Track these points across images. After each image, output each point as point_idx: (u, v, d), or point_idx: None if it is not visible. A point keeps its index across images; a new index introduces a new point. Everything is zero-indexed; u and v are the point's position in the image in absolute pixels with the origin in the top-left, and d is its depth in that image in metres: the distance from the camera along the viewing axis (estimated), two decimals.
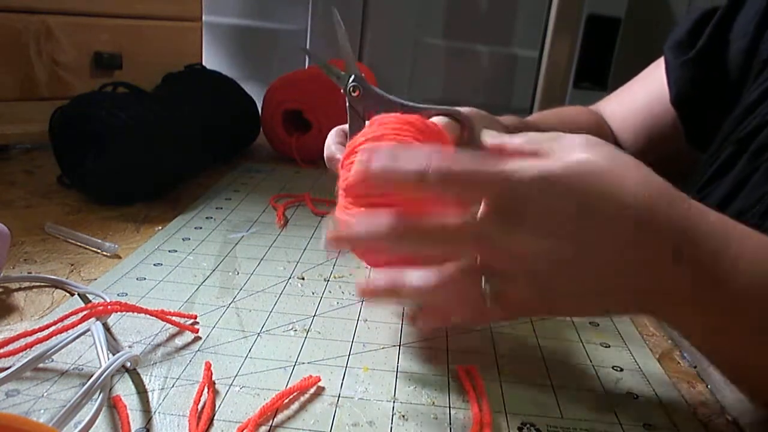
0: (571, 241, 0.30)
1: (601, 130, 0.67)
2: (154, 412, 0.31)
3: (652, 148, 0.64)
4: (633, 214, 0.29)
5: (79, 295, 0.42)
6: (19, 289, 0.43)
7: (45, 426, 0.21)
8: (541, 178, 0.29)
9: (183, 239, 0.52)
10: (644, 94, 0.66)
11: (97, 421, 0.29)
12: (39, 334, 0.35)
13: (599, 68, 1.59)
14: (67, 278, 0.44)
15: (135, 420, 0.30)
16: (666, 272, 0.29)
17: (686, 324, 0.32)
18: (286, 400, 0.32)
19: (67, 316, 0.37)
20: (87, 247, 0.50)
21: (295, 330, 0.40)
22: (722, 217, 0.31)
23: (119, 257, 0.49)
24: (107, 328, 0.37)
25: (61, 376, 0.33)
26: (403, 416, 0.32)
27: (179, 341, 0.37)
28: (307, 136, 0.77)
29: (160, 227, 0.55)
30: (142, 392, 0.32)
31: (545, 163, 0.30)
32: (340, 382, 0.34)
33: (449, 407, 0.33)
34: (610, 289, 0.31)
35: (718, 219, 0.30)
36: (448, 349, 0.38)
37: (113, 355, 0.33)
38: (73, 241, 0.51)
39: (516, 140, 0.32)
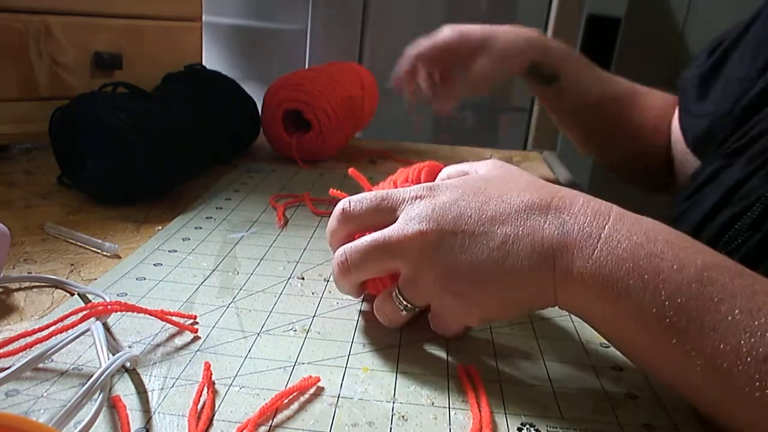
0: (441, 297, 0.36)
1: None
2: (154, 412, 0.31)
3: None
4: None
5: (79, 295, 0.42)
6: (19, 289, 0.43)
7: (45, 426, 0.21)
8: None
9: (183, 239, 0.52)
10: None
11: (96, 421, 0.29)
12: (39, 334, 0.35)
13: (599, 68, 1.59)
14: (67, 278, 0.44)
15: (135, 420, 0.30)
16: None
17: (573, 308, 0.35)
18: (286, 401, 0.32)
19: (66, 316, 0.37)
20: (87, 247, 0.50)
21: (295, 330, 0.40)
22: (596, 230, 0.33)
23: (119, 257, 0.49)
24: (107, 328, 0.37)
25: (60, 376, 0.33)
26: (403, 417, 0.32)
27: (179, 341, 0.37)
28: (307, 136, 0.77)
29: (160, 227, 0.55)
30: (141, 392, 0.32)
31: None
32: (340, 382, 0.34)
33: (449, 408, 0.33)
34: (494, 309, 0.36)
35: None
36: (447, 350, 0.38)
37: (113, 355, 0.33)
38: (73, 241, 0.51)
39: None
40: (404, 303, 0.37)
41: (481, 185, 0.37)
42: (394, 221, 0.37)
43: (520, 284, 0.34)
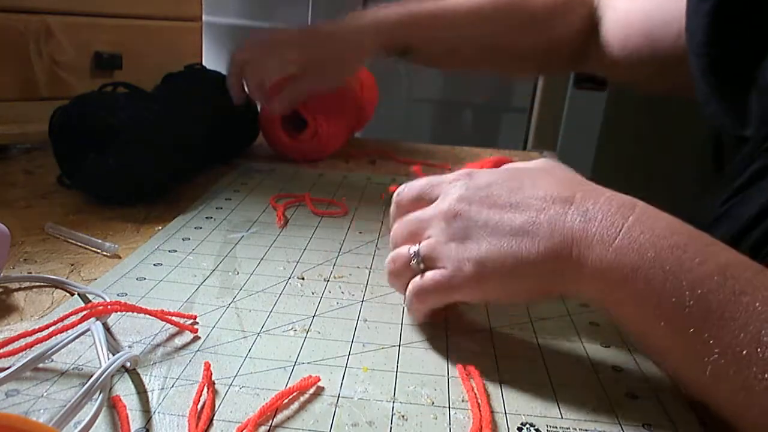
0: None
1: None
2: (154, 412, 0.31)
3: (647, 77, 0.67)
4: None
5: (79, 295, 0.42)
6: (19, 289, 0.43)
7: (45, 426, 0.21)
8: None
9: (183, 239, 0.52)
10: (647, 11, 0.62)
11: (96, 421, 0.29)
12: (39, 334, 0.35)
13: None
14: (67, 278, 0.44)
15: (135, 420, 0.30)
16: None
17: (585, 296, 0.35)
18: (286, 400, 0.32)
19: (67, 316, 0.37)
20: (87, 247, 0.50)
21: (295, 330, 0.40)
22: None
23: (119, 257, 0.49)
24: (107, 328, 0.37)
25: (60, 376, 0.33)
26: (403, 416, 0.32)
27: (179, 341, 0.37)
28: (303, 136, 0.77)
29: (160, 227, 0.55)
30: (141, 392, 0.32)
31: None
32: (340, 382, 0.34)
33: (449, 407, 0.33)
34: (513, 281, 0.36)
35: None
36: (448, 349, 0.38)
37: (113, 355, 0.33)
38: (73, 241, 0.51)
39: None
40: (417, 258, 0.39)
41: (518, 174, 0.39)
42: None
43: (533, 264, 0.35)
